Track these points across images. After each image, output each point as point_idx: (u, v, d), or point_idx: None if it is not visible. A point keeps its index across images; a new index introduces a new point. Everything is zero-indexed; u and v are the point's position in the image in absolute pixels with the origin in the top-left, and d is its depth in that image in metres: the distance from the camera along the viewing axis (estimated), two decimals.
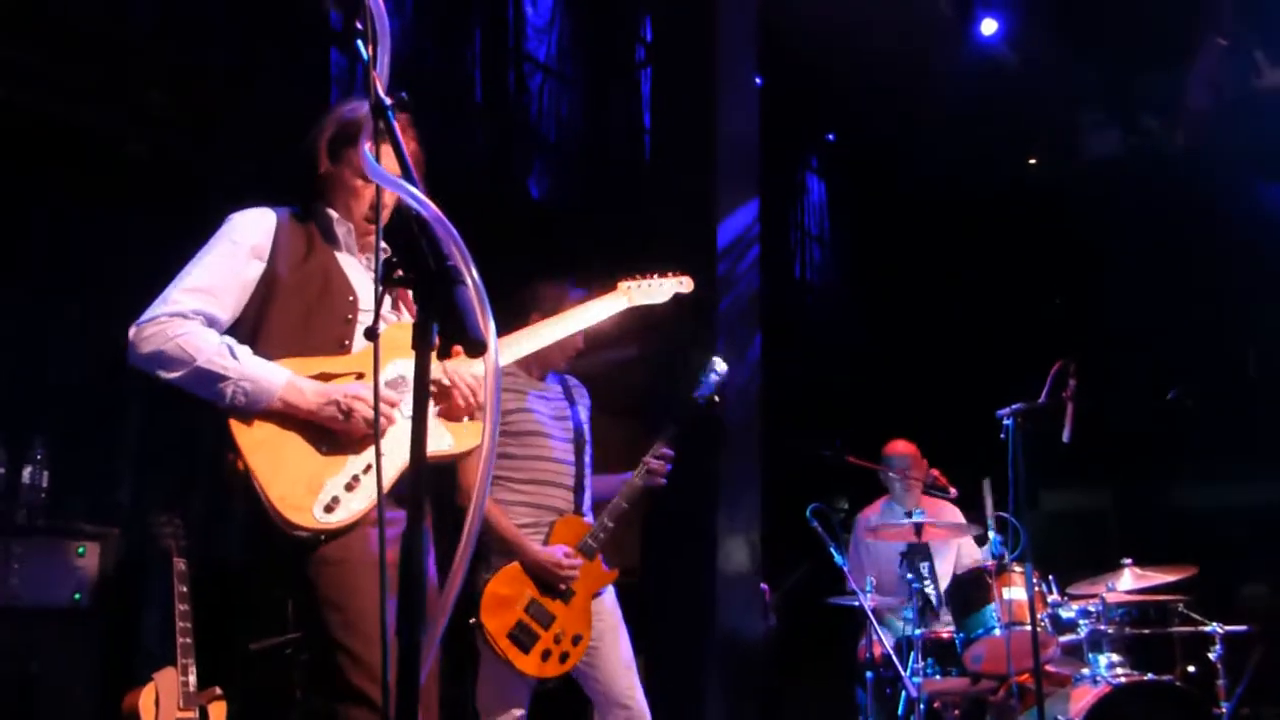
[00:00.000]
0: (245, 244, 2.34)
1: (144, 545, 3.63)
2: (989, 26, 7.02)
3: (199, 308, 2.27)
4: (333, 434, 2.20)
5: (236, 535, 2.77)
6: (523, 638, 3.32)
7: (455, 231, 1.26)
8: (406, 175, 1.35)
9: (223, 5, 4.78)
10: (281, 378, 2.20)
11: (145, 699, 3.32)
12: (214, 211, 2.74)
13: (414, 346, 1.26)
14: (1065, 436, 4.19)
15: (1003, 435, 4.14)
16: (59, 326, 4.20)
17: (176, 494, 4.10)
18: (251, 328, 2.32)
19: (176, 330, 2.22)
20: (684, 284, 3.33)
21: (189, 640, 3.42)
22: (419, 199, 1.28)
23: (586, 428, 3.76)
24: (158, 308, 2.26)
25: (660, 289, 3.26)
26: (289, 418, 2.18)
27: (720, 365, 3.70)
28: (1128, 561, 4.72)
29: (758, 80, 6.55)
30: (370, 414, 2.15)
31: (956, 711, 4.70)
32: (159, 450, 4.28)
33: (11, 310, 4.10)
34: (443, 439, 2.32)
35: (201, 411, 4.41)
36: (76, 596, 3.37)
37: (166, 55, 4.60)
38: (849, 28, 7.25)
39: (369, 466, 2.20)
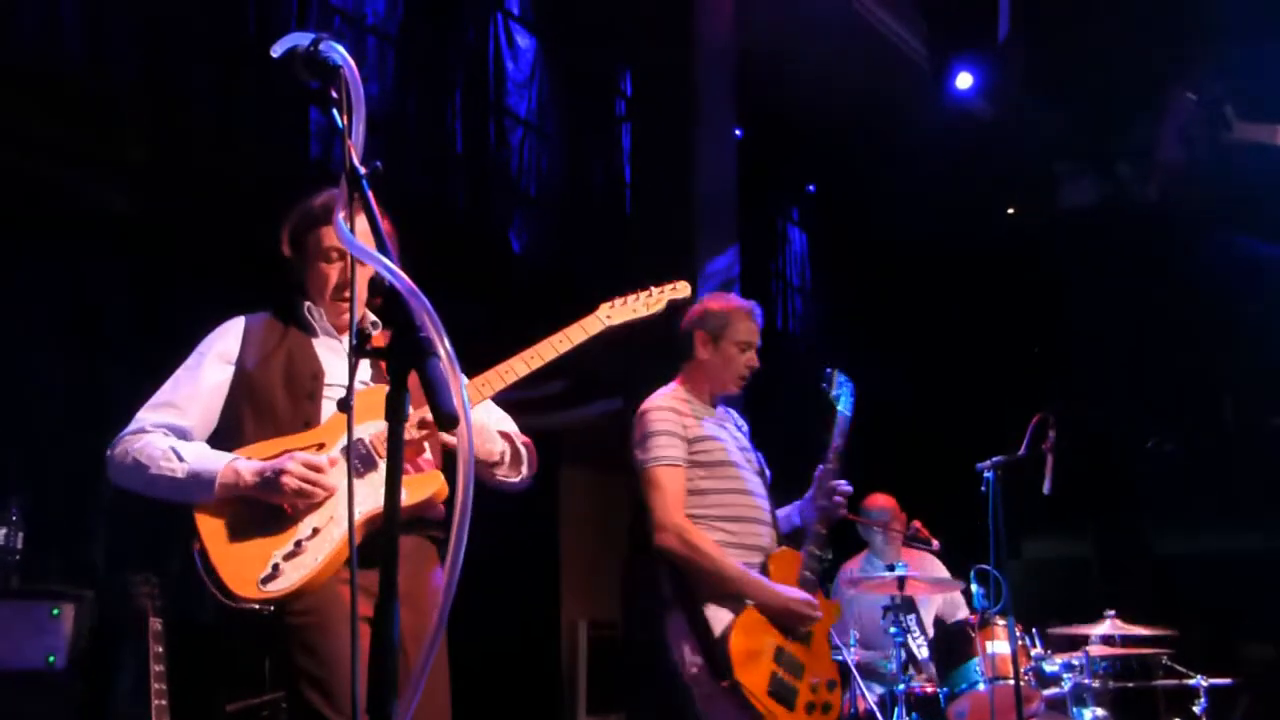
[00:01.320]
0: (210, 353, 2.43)
1: (119, 606, 3.58)
2: (964, 80, 7.12)
3: (160, 421, 2.36)
4: (282, 510, 2.23)
5: (212, 595, 2.73)
6: (783, 692, 2.95)
7: (428, 303, 1.26)
8: (380, 247, 1.36)
9: (203, 63, 4.81)
10: (218, 464, 2.25)
11: None
12: (192, 266, 2.75)
13: (387, 418, 1.26)
14: (1045, 488, 4.21)
15: (983, 488, 4.16)
16: (34, 385, 4.17)
17: (151, 554, 4.06)
18: (231, 428, 2.39)
19: (134, 445, 2.32)
20: (678, 289, 2.96)
21: (164, 702, 3.37)
22: (392, 270, 1.28)
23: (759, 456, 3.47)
24: (126, 429, 2.36)
25: (648, 301, 2.91)
26: (240, 501, 2.23)
27: (840, 374, 3.58)
28: (1110, 613, 4.72)
29: (737, 133, 6.63)
30: (298, 484, 2.19)
31: None
32: (133, 510, 4.23)
33: None
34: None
35: None
36: (51, 659, 3.32)
37: (146, 113, 4.62)
38: (828, 81, 7.36)
39: (315, 531, 2.22)
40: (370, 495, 2.25)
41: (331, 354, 2.48)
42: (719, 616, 2.99)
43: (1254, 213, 7.57)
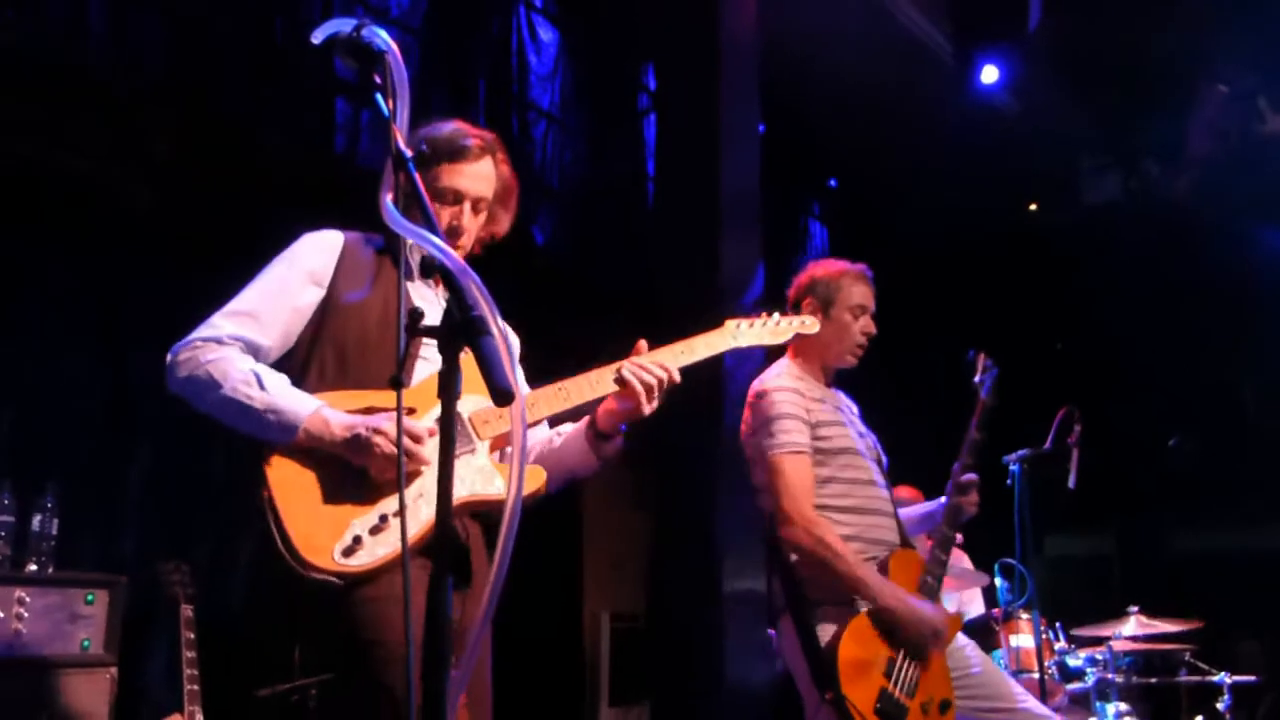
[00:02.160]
0: (302, 268, 2.23)
1: (151, 592, 3.62)
2: (990, 74, 7.09)
3: (238, 333, 2.15)
4: (366, 474, 2.05)
5: (243, 582, 2.74)
6: (891, 711, 2.65)
7: (480, 281, 1.28)
8: (430, 226, 1.37)
9: (228, 57, 4.83)
10: (308, 408, 2.05)
11: None
12: (219, 261, 2.76)
13: (439, 396, 1.27)
14: (1071, 483, 4.20)
15: (1009, 481, 4.16)
16: (67, 375, 4.21)
17: (184, 541, 4.10)
18: (304, 357, 2.21)
19: (208, 355, 2.10)
20: (806, 325, 2.74)
21: (196, 688, 3.40)
22: (443, 250, 1.30)
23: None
24: (197, 331, 2.15)
25: (774, 330, 2.66)
26: (319, 454, 2.04)
27: (983, 358, 3.34)
28: (1134, 609, 4.71)
29: (760, 127, 6.62)
30: (393, 450, 2.01)
31: None
32: (166, 497, 4.27)
33: (19, 359, 4.12)
34: (490, 483, 2.15)
35: (210, 457, 4.40)
36: (85, 644, 3.35)
37: (172, 107, 4.65)
38: (851, 75, 7.33)
39: (398, 510, 2.02)
40: (468, 478, 2.12)
41: (425, 304, 2.24)
42: (829, 621, 2.77)
43: None
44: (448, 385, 1.26)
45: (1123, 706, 4.34)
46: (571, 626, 6.90)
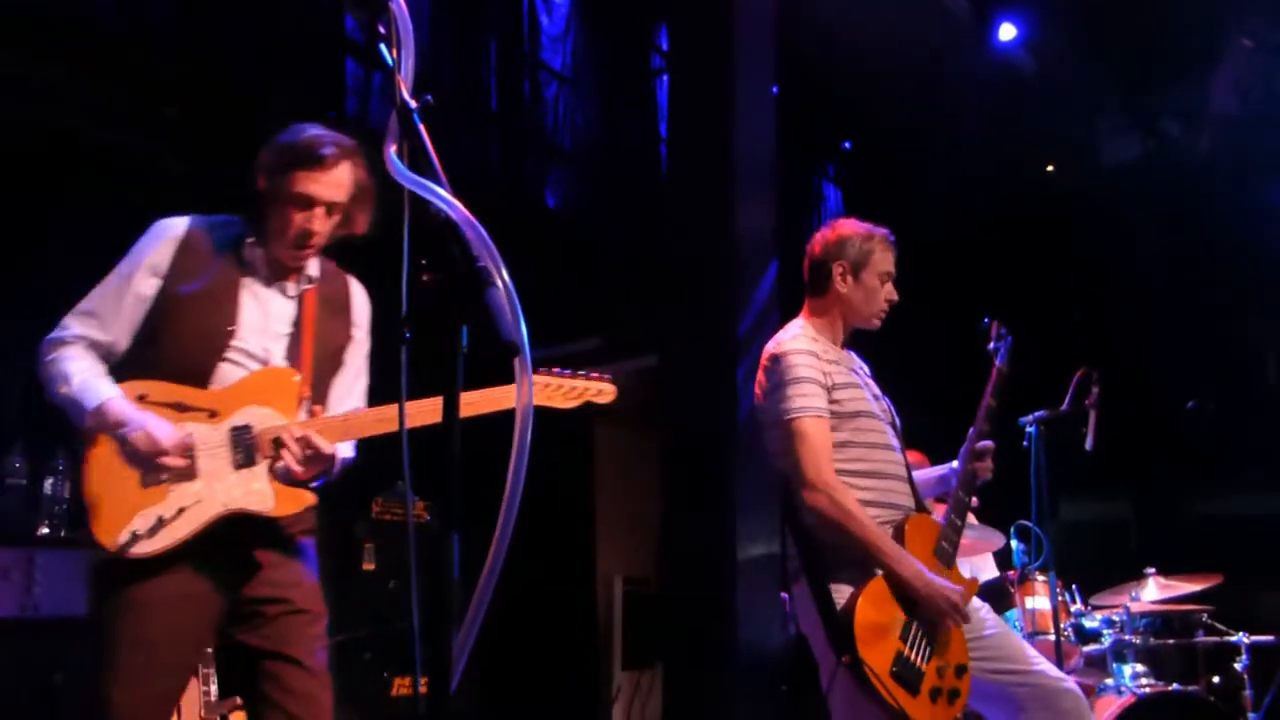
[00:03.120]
0: (141, 260, 2.41)
1: None
2: (1007, 32, 6.97)
3: (81, 332, 2.39)
4: (151, 471, 2.26)
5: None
6: (908, 675, 2.61)
7: (485, 233, 1.24)
8: (433, 178, 1.34)
9: (237, 20, 4.79)
10: (97, 398, 2.28)
11: None
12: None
13: (445, 350, 1.25)
14: (1088, 445, 4.16)
15: (1025, 443, 4.12)
16: None
17: None
18: (142, 345, 2.39)
19: (50, 355, 2.38)
20: (603, 393, 2.72)
21: (209, 649, 3.41)
22: (448, 201, 1.27)
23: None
24: (54, 331, 2.40)
25: (568, 394, 2.67)
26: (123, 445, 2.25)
27: (997, 326, 3.29)
28: (1151, 571, 4.70)
29: (773, 89, 6.54)
30: (141, 452, 2.24)
31: None
32: None
33: (31, 323, 4.11)
34: (261, 501, 2.33)
35: None
36: None
37: (182, 71, 4.62)
38: (865, 34, 7.23)
39: (181, 510, 2.25)
40: (240, 491, 2.30)
41: (254, 300, 2.44)
42: (845, 584, 2.72)
43: None
44: (454, 339, 1.23)
45: (1140, 668, 4.33)
46: (584, 590, 6.92)
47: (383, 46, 1.56)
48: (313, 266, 2.53)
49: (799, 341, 2.94)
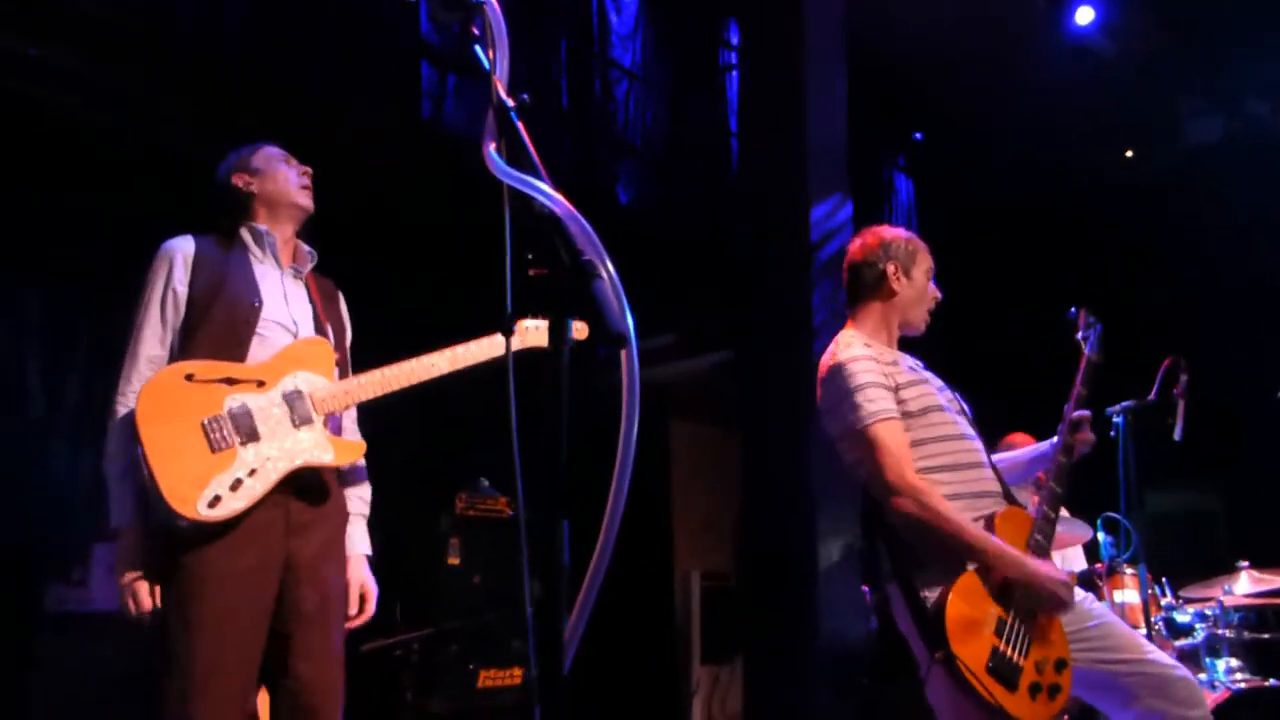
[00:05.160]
0: (165, 284, 2.60)
1: None
2: (1084, 15, 6.82)
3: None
4: (223, 435, 2.44)
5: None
6: (1005, 670, 2.53)
7: (589, 226, 1.26)
8: (534, 173, 1.36)
9: (311, 27, 4.86)
10: (120, 519, 2.48)
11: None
12: (310, 231, 2.87)
13: (550, 343, 1.27)
14: (1177, 434, 4.07)
15: (1112, 433, 4.05)
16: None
17: None
18: (183, 333, 2.57)
19: (112, 421, 2.52)
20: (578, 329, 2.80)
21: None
22: (550, 195, 1.29)
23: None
24: (122, 394, 2.53)
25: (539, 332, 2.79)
26: (176, 420, 2.42)
27: (1084, 314, 3.25)
28: (1244, 564, 4.59)
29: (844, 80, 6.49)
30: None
31: (1066, 716, 4.59)
32: None
33: (103, 322, 4.23)
34: (325, 452, 2.57)
35: None
36: None
37: (257, 78, 4.71)
38: (936, 21, 7.14)
39: (253, 471, 2.43)
40: (305, 446, 2.52)
41: (268, 278, 2.69)
42: (934, 581, 2.65)
43: None
44: (559, 333, 1.26)
45: (1234, 662, 4.23)
46: (663, 586, 6.95)
47: (478, 48, 1.58)
48: (310, 256, 2.81)
49: (854, 349, 2.90)
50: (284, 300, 2.69)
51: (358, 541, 2.76)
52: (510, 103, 1.46)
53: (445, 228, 5.47)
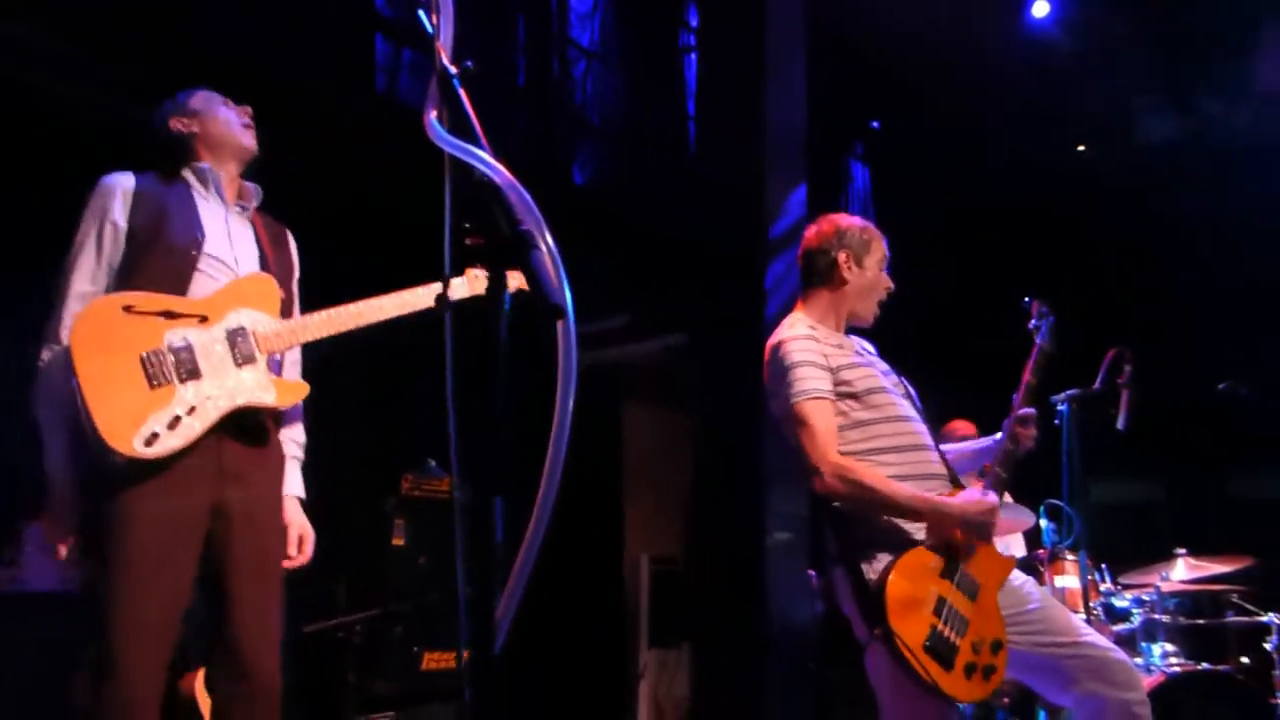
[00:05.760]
0: (108, 219, 2.52)
1: None
2: (1041, 8, 6.89)
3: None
4: (163, 370, 2.38)
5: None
6: (941, 649, 2.56)
7: (529, 197, 1.25)
8: (475, 143, 1.34)
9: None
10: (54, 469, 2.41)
11: (200, 683, 3.34)
12: (263, 202, 2.83)
13: (488, 312, 1.25)
14: (1120, 424, 4.13)
15: (1056, 421, 4.10)
16: None
17: None
18: (122, 274, 2.50)
19: (45, 357, 2.46)
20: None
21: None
22: (490, 164, 1.27)
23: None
24: (61, 318, 2.46)
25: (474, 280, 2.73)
26: (123, 352, 2.36)
27: (1038, 305, 3.27)
28: (1182, 551, 4.68)
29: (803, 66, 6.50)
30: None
31: (1006, 700, 4.65)
32: None
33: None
34: (267, 392, 2.53)
35: None
36: None
37: (212, 53, 4.62)
38: (895, 11, 7.16)
39: (192, 409, 2.38)
40: (247, 386, 2.48)
41: (212, 214, 2.64)
42: (876, 560, 2.67)
43: None
44: (496, 298, 1.24)
45: (1169, 647, 4.31)
46: (612, 569, 6.94)
47: (422, 13, 1.56)
48: (255, 193, 2.77)
49: (796, 329, 2.94)
50: (227, 237, 2.63)
51: (293, 484, 2.72)
52: (453, 70, 1.44)
53: (398, 203, 5.41)
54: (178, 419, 2.35)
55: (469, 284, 2.65)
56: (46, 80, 4.36)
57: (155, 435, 2.32)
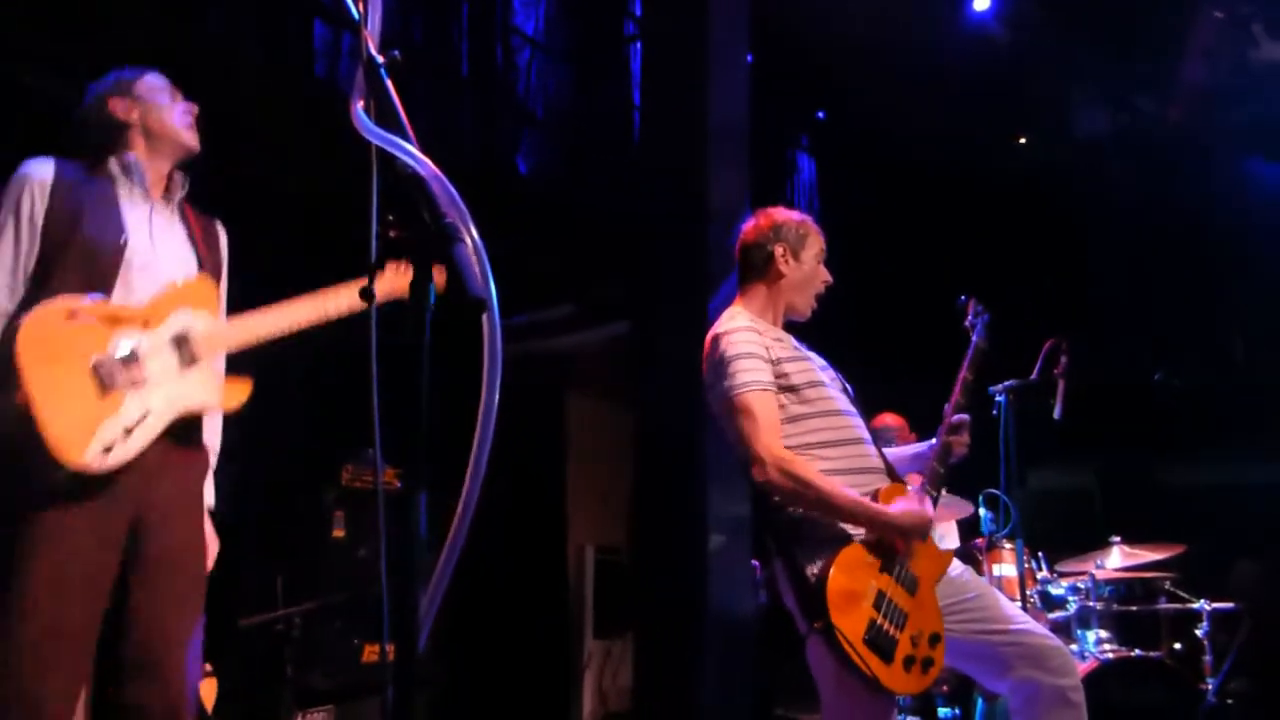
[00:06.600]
0: (25, 211, 2.42)
1: None
2: (981, 3, 6.96)
3: None
4: (115, 377, 2.31)
5: (225, 510, 2.74)
6: (881, 643, 2.59)
7: (453, 190, 1.23)
8: (400, 134, 1.32)
9: None
10: None
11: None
12: (195, 190, 2.76)
13: (411, 306, 1.23)
14: (1056, 414, 4.20)
15: (994, 411, 4.16)
16: None
17: None
18: (40, 277, 2.41)
19: None
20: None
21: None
22: (415, 156, 1.25)
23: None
24: None
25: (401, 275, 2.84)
26: (70, 361, 2.27)
27: (974, 303, 3.30)
28: (1116, 539, 4.77)
29: (748, 57, 6.49)
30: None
31: (945, 687, 4.72)
32: None
33: None
34: (212, 395, 2.51)
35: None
36: None
37: (145, 35, 4.53)
38: (840, 2, 7.19)
39: (145, 414, 2.33)
40: (192, 390, 2.44)
41: (135, 209, 2.55)
42: (817, 555, 2.68)
43: (1277, 140, 7.43)
44: (421, 292, 1.22)
45: (1103, 634, 4.40)
46: (556, 559, 6.93)
47: (349, 1, 1.53)
48: (181, 182, 2.68)
49: (736, 321, 2.95)
50: (149, 237, 2.54)
51: (208, 494, 2.66)
52: (380, 59, 1.41)
53: (336, 189, 5.34)
54: (131, 427, 2.31)
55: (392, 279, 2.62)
56: None
57: (112, 445, 2.27)
